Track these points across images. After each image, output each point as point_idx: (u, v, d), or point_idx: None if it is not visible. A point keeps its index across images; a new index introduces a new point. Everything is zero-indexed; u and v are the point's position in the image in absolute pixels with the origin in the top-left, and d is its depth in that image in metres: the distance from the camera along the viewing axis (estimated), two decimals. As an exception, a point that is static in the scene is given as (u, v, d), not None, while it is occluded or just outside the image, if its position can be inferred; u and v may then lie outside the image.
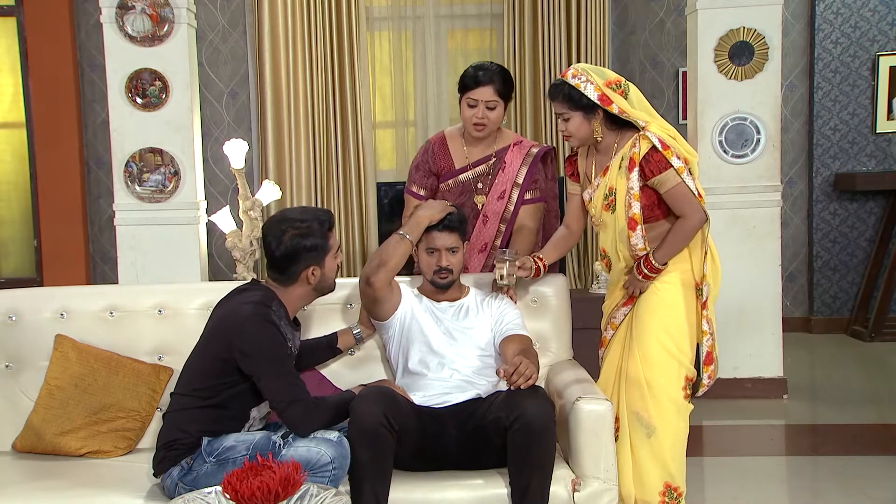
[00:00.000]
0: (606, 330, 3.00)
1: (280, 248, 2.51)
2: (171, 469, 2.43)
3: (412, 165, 3.36)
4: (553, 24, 5.52)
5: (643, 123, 2.78)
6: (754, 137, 4.54)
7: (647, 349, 2.79)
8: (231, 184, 5.85)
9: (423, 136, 5.83)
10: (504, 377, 2.46)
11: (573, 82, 2.78)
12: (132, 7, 4.56)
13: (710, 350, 2.88)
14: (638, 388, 2.79)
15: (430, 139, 3.37)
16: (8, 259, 6.24)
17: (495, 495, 2.44)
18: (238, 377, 2.46)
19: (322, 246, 2.54)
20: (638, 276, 2.82)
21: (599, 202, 2.89)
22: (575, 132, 2.84)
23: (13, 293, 3.00)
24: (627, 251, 2.86)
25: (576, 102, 2.79)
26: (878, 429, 4.17)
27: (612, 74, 2.81)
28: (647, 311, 2.83)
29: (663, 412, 2.77)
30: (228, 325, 2.46)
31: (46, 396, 2.80)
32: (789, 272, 6.11)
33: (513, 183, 3.19)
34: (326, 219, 2.58)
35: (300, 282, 2.56)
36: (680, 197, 2.76)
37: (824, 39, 5.98)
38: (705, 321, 2.85)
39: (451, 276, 2.83)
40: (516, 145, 3.23)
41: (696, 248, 2.84)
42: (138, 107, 4.62)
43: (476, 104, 3.10)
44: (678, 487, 2.79)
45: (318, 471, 2.27)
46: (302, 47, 5.57)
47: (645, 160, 2.75)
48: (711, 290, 2.85)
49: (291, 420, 2.42)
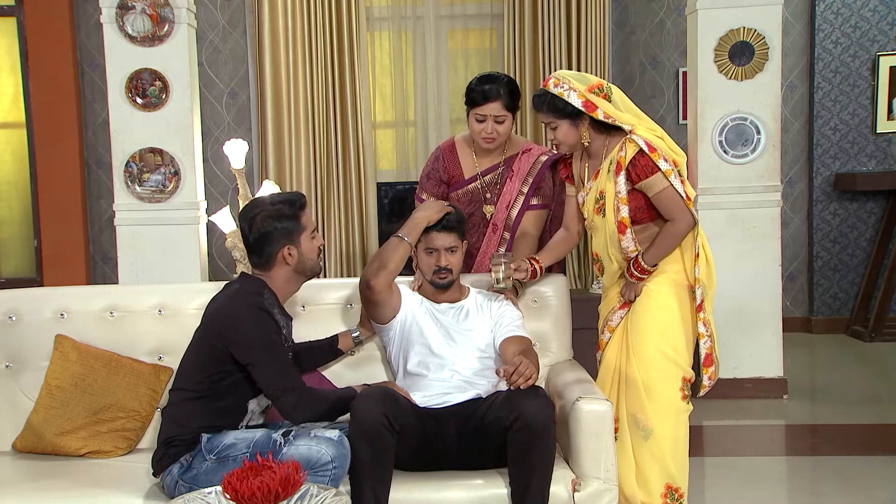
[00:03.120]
0: (603, 333, 3.00)
1: (252, 232, 2.54)
2: (171, 466, 2.43)
3: (423, 173, 3.35)
4: (553, 24, 5.52)
5: (629, 127, 2.78)
6: (754, 137, 4.54)
7: (644, 352, 2.79)
8: (231, 184, 5.86)
9: (424, 136, 5.83)
10: (504, 377, 2.45)
11: (556, 91, 2.78)
12: (132, 7, 4.56)
13: (710, 352, 2.87)
14: (635, 390, 2.79)
15: (441, 146, 3.35)
16: (8, 259, 6.24)
17: (495, 495, 2.44)
18: (232, 367, 2.47)
19: (293, 226, 2.56)
20: (629, 278, 2.83)
21: (591, 206, 2.91)
22: (564, 139, 2.85)
23: (13, 293, 3.00)
24: (619, 254, 2.87)
25: (561, 111, 2.80)
26: (878, 429, 4.17)
27: (593, 79, 2.81)
28: (643, 313, 2.83)
29: (661, 414, 2.77)
30: (221, 315, 2.49)
31: (46, 396, 2.80)
32: (789, 272, 6.11)
33: (518, 191, 3.18)
34: (297, 199, 2.60)
35: (278, 264, 2.57)
36: (668, 201, 2.76)
37: (824, 39, 5.97)
38: (702, 323, 2.84)
39: (450, 276, 2.83)
40: (525, 153, 3.22)
41: (687, 249, 2.85)
42: (138, 107, 4.62)
43: (485, 119, 3.08)
44: (679, 488, 2.78)
45: (318, 470, 2.27)
46: (302, 47, 5.57)
47: (632, 164, 2.75)
48: (707, 291, 2.85)
49: (284, 408, 2.45)
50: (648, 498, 2.78)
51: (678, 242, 2.81)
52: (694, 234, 2.81)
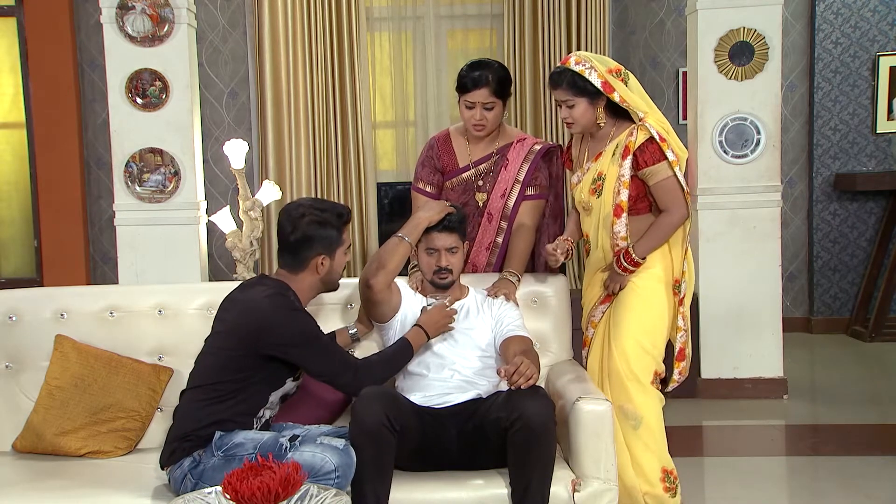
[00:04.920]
0: (587, 329, 3.04)
1: (296, 233, 2.55)
2: (182, 460, 2.43)
3: (418, 163, 3.34)
4: (553, 24, 5.53)
5: (642, 115, 2.81)
6: (754, 137, 4.53)
7: (624, 344, 2.85)
8: (231, 184, 5.86)
9: (424, 136, 5.83)
10: (505, 376, 2.46)
11: (577, 69, 2.80)
12: (132, 7, 4.56)
13: (683, 347, 2.96)
14: (619, 382, 2.84)
15: (435, 136, 3.36)
16: (8, 259, 6.24)
17: (495, 495, 2.45)
18: (261, 364, 2.48)
19: (336, 238, 2.58)
20: (618, 270, 2.86)
21: (587, 186, 2.94)
22: (579, 118, 2.86)
23: (13, 293, 3.00)
24: (608, 239, 2.89)
25: (580, 89, 2.82)
26: (878, 429, 4.17)
27: (612, 62, 2.86)
28: (626, 307, 2.88)
29: (647, 403, 2.83)
30: (253, 320, 2.47)
31: (46, 396, 2.79)
32: (789, 272, 6.11)
33: (514, 180, 3.17)
34: (344, 213, 2.63)
35: (309, 269, 2.58)
36: (668, 190, 2.81)
37: (824, 39, 5.98)
38: (681, 318, 2.92)
39: (451, 277, 2.83)
40: (519, 142, 3.21)
41: (676, 245, 2.89)
42: (138, 107, 4.62)
43: (473, 106, 3.08)
44: (672, 470, 2.87)
45: (321, 478, 2.27)
46: (302, 47, 5.57)
47: (640, 150, 2.79)
48: (689, 286, 2.92)
49: (344, 388, 2.56)
50: (649, 486, 2.83)
51: (670, 235, 2.85)
52: (684, 229, 2.87)
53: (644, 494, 2.83)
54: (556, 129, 5.60)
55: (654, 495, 2.83)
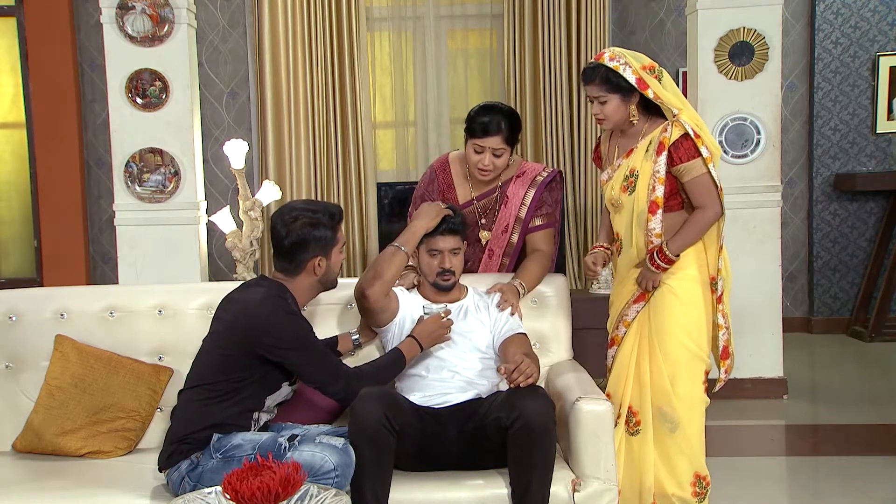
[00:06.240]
0: (618, 328, 2.97)
1: (290, 237, 2.54)
2: (180, 462, 2.43)
3: (417, 193, 3.26)
4: (553, 24, 5.52)
5: (676, 111, 2.79)
6: (754, 137, 4.53)
7: (668, 349, 2.82)
8: (231, 184, 5.85)
9: (423, 137, 5.83)
10: (505, 375, 2.46)
11: (611, 65, 2.77)
12: (132, 7, 4.56)
13: (727, 345, 2.92)
14: (661, 385, 2.82)
15: (434, 166, 3.28)
16: (8, 259, 6.24)
17: (495, 495, 2.45)
18: (258, 366, 2.48)
19: (330, 237, 2.58)
20: (651, 267, 2.82)
21: (618, 183, 2.90)
22: (611, 115, 2.84)
23: (13, 293, 3.00)
24: (643, 236, 2.85)
25: (614, 85, 2.79)
26: (878, 429, 4.17)
27: (646, 59, 2.82)
28: (664, 310, 2.84)
29: (686, 407, 2.82)
30: (249, 321, 2.47)
31: (46, 396, 2.79)
32: (789, 272, 6.11)
33: (515, 217, 3.13)
34: (336, 212, 2.62)
35: (306, 272, 2.58)
36: (703, 187, 2.78)
37: (824, 39, 5.98)
38: (720, 315, 2.88)
39: (453, 278, 2.83)
40: (519, 177, 3.14)
41: (711, 243, 2.86)
42: (138, 107, 4.62)
43: (483, 150, 3.02)
44: (706, 476, 2.85)
45: (320, 477, 2.27)
46: (302, 47, 5.57)
47: (675, 146, 2.76)
48: (726, 283, 2.88)
49: (334, 396, 2.54)
50: (679, 490, 2.82)
51: (704, 231, 2.82)
52: (718, 227, 2.84)
53: (672, 495, 2.83)
54: (555, 128, 5.59)
55: (682, 498, 2.82)
